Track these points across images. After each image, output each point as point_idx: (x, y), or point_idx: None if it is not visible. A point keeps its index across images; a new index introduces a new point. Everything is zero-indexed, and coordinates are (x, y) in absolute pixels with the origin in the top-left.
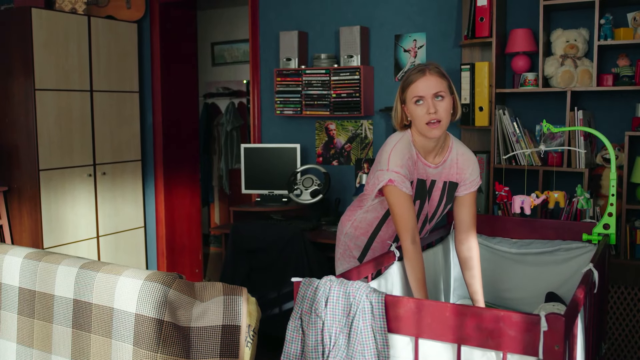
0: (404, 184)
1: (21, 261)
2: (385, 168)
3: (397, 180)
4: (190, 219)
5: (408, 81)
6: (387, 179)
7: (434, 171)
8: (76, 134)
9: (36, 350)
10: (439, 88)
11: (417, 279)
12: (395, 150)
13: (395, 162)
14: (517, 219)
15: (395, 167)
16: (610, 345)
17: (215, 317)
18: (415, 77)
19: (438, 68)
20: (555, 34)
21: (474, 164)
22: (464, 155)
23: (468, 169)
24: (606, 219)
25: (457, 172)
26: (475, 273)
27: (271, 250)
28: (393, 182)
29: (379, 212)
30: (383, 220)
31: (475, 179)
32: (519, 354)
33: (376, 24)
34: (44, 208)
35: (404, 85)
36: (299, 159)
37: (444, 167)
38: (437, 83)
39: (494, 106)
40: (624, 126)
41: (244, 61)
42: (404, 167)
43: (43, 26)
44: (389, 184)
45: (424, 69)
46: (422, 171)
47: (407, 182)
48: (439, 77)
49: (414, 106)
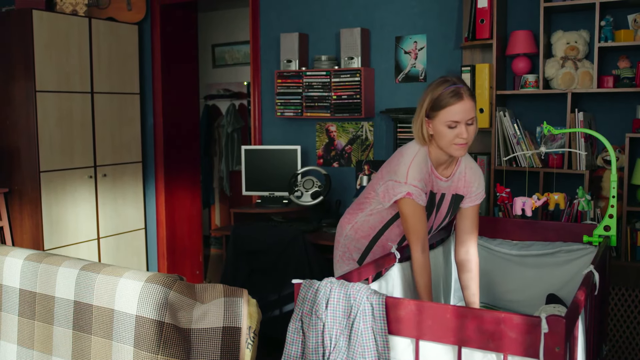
0: (420, 197)
1: (22, 263)
2: (403, 181)
3: (415, 194)
4: (191, 221)
5: (443, 103)
6: (406, 192)
7: (445, 184)
8: (77, 136)
9: (37, 352)
10: (473, 114)
11: (424, 285)
12: (415, 163)
13: (414, 176)
14: (518, 221)
15: (414, 181)
16: (611, 347)
17: (216, 319)
18: (451, 101)
19: (469, 89)
20: (556, 36)
21: (480, 178)
22: (472, 169)
23: (475, 183)
24: (607, 221)
25: (464, 185)
26: (472, 276)
27: (272, 252)
28: (411, 195)
29: (385, 217)
30: (387, 225)
31: (481, 192)
32: (520, 355)
33: (377, 26)
34: (45, 210)
35: (436, 105)
36: (299, 160)
37: (453, 180)
38: (472, 108)
39: (494, 108)
40: (624, 128)
41: (244, 63)
42: (422, 181)
43: (44, 28)
44: (406, 197)
45: (459, 92)
46: (435, 184)
47: (423, 195)
48: (472, 101)
49: (445, 128)
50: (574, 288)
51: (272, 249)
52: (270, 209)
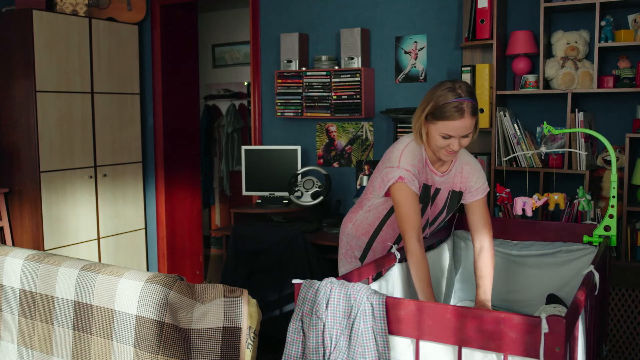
0: (412, 183)
1: (22, 263)
2: (395, 165)
3: (407, 178)
4: (191, 221)
5: (444, 115)
6: (398, 176)
7: (440, 179)
8: (77, 136)
9: (37, 352)
10: (471, 129)
11: (422, 279)
12: (408, 149)
13: (407, 160)
14: (518, 221)
15: (407, 165)
16: (611, 347)
17: (216, 319)
18: (452, 116)
19: (474, 103)
20: (556, 36)
21: (479, 173)
22: (469, 165)
23: (472, 178)
24: (607, 221)
25: (461, 181)
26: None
27: (272, 252)
28: (403, 179)
29: (380, 212)
30: (384, 221)
31: (481, 186)
32: (520, 356)
33: (377, 26)
34: (45, 210)
35: (437, 114)
36: (299, 160)
37: (449, 177)
38: (470, 125)
39: (494, 108)
40: (624, 128)
41: (244, 63)
42: (414, 167)
43: (44, 28)
44: (398, 181)
45: (462, 108)
46: (429, 177)
47: (415, 181)
48: (474, 118)
49: (439, 137)
50: (574, 288)
51: (272, 249)
52: (271, 209)
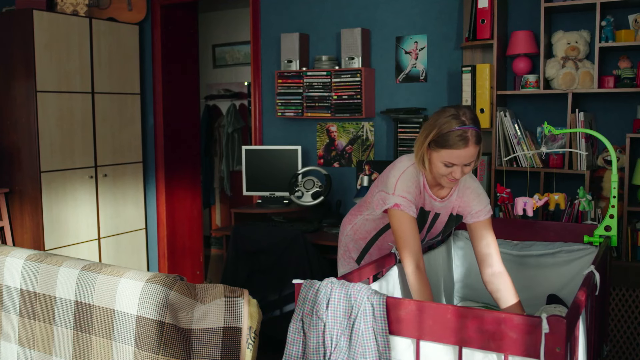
0: (410, 208)
1: (22, 263)
2: (391, 192)
3: (404, 204)
4: (192, 221)
5: (447, 144)
6: (393, 203)
7: (439, 205)
8: (77, 136)
9: (37, 352)
10: (473, 157)
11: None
12: (404, 176)
13: (402, 188)
14: (518, 221)
15: (402, 193)
16: (611, 348)
17: (217, 319)
18: (456, 145)
19: (478, 132)
20: (557, 36)
21: (479, 197)
22: (469, 189)
23: (472, 202)
24: (607, 221)
25: (460, 205)
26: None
27: (272, 252)
28: (399, 206)
29: (377, 225)
30: (381, 232)
31: (482, 209)
32: (521, 356)
33: (377, 26)
34: (46, 210)
35: (440, 142)
36: (300, 160)
37: (449, 201)
38: (473, 154)
39: (495, 108)
40: (625, 128)
41: (245, 63)
42: (410, 194)
43: (45, 28)
44: (394, 208)
45: (466, 137)
46: (427, 202)
47: (413, 206)
48: (477, 146)
49: (441, 164)
50: (575, 288)
51: (272, 249)
52: (271, 209)
